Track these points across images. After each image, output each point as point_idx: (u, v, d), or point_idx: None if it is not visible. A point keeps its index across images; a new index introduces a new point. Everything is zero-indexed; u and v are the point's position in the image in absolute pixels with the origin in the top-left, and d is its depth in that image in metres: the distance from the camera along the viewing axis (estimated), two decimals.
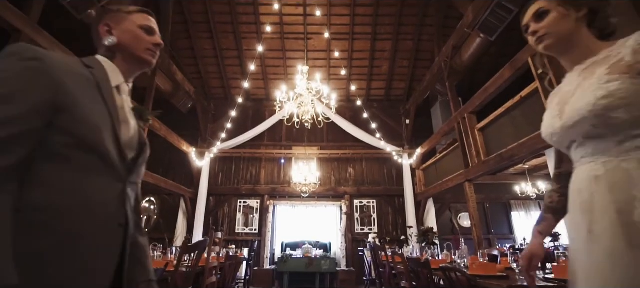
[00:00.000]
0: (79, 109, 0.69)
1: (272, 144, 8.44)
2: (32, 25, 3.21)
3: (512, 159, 3.97)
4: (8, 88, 0.62)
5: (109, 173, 0.73)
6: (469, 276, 1.71)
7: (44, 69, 0.67)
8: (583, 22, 0.89)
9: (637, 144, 0.74)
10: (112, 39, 0.85)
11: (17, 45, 0.69)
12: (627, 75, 0.75)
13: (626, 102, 0.74)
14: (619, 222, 0.72)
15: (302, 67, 5.46)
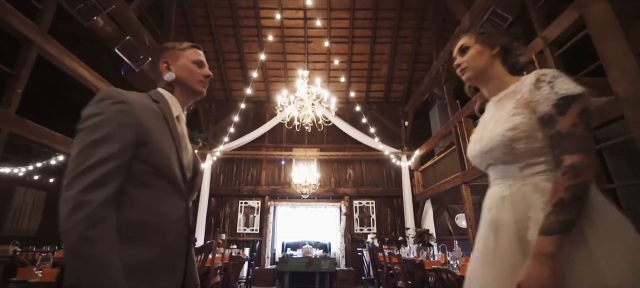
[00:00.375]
0: (155, 142, 0.81)
1: (272, 145, 8.56)
2: (42, 35, 3.33)
3: None
4: (107, 129, 0.74)
5: (176, 194, 0.85)
6: (458, 276, 1.83)
7: (130, 111, 0.79)
8: (497, 58, 1.00)
9: (534, 171, 0.85)
10: (171, 74, 0.97)
11: (107, 90, 0.82)
12: (528, 110, 0.86)
13: (526, 134, 0.85)
14: (517, 238, 0.82)
15: (303, 71, 5.58)
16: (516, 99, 0.90)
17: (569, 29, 3.12)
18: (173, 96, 0.96)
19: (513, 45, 1.01)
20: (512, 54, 1.01)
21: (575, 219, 0.74)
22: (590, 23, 2.79)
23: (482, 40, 1.01)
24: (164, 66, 0.98)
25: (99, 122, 0.75)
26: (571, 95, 0.80)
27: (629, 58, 2.45)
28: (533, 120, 0.85)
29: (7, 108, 2.95)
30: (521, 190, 0.86)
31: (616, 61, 2.55)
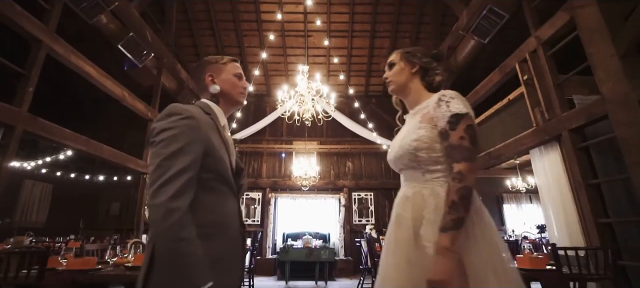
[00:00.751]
0: (216, 151, 0.92)
1: (273, 138, 8.69)
2: (50, 34, 3.42)
3: (499, 158, 4.24)
4: (181, 143, 0.84)
5: (232, 195, 0.98)
6: None
7: (198, 126, 0.89)
8: (417, 75, 1.14)
9: (433, 176, 1.00)
10: (216, 87, 1.07)
11: (173, 106, 0.91)
12: (430, 125, 1.00)
13: (428, 145, 1.00)
14: (413, 233, 0.96)
15: (303, 66, 5.67)
16: (423, 114, 1.04)
17: (562, 30, 3.22)
18: (218, 107, 1.07)
19: (431, 66, 1.14)
20: (430, 73, 1.14)
21: (465, 217, 0.89)
22: (581, 25, 2.90)
23: (405, 58, 1.15)
24: (209, 79, 1.07)
25: (172, 136, 0.84)
26: (460, 113, 0.95)
27: (614, 60, 2.57)
28: (434, 134, 1.00)
29: (19, 106, 3.07)
30: (421, 192, 1.00)
31: (602, 63, 2.67)
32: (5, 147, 2.94)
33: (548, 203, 3.45)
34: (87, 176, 8.14)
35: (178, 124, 0.86)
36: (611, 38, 2.61)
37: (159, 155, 0.83)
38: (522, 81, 3.70)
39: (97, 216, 8.26)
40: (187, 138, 0.86)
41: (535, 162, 3.69)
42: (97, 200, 8.36)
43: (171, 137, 0.84)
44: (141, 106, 5.30)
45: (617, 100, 2.55)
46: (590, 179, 2.93)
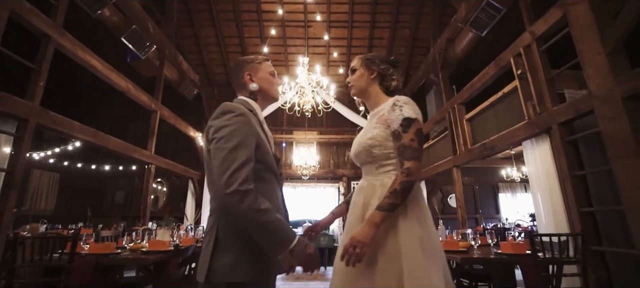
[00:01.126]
0: (263, 144, 1.04)
1: (274, 128, 8.82)
2: (58, 29, 3.52)
3: (494, 149, 4.39)
4: (240, 137, 0.96)
5: (276, 183, 1.11)
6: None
7: (249, 121, 1.01)
8: (375, 81, 1.27)
9: (385, 170, 1.15)
10: (255, 85, 1.17)
11: (226, 105, 1.03)
12: (384, 126, 1.15)
13: (380, 143, 1.14)
14: (361, 217, 1.13)
15: (303, 58, 5.76)
16: (379, 116, 1.18)
17: (555, 26, 3.31)
18: (256, 103, 1.18)
19: (388, 72, 1.27)
20: (387, 79, 1.27)
21: (400, 204, 1.04)
22: (572, 22, 2.99)
23: (365, 65, 1.28)
24: (248, 78, 1.18)
25: (231, 132, 0.96)
26: (411, 118, 1.08)
27: (602, 58, 2.68)
28: (387, 133, 1.14)
29: (32, 101, 3.19)
30: (373, 183, 1.16)
31: (591, 60, 2.78)
32: (20, 140, 3.09)
33: (537, 193, 3.62)
34: (93, 166, 8.31)
35: (233, 121, 0.98)
36: (600, 36, 2.72)
37: (222, 150, 0.94)
38: (516, 75, 3.81)
39: (102, 204, 8.48)
40: (244, 133, 0.98)
41: (527, 154, 3.83)
42: (102, 188, 8.56)
43: (230, 133, 0.96)
44: (145, 98, 5.41)
45: (602, 95, 2.68)
46: (576, 170, 3.09)
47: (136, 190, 8.69)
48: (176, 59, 6.71)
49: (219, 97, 9.04)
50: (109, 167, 8.41)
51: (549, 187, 3.41)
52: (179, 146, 8.67)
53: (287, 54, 8.51)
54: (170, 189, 8.63)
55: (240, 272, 0.92)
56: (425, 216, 1.13)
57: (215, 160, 0.95)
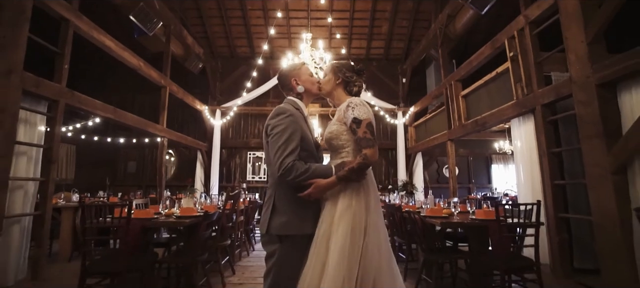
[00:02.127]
0: (306, 136, 1.40)
1: (277, 100, 9.05)
2: (75, 13, 3.71)
3: (485, 125, 4.71)
4: (289, 132, 1.33)
5: (315, 161, 1.45)
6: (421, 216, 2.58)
7: (296, 120, 1.37)
8: (340, 85, 1.56)
9: (339, 157, 1.45)
10: (301, 87, 1.52)
11: (278, 108, 1.39)
12: (340, 122, 1.44)
13: (336, 136, 1.44)
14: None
15: (306, 34, 5.89)
16: (338, 114, 1.48)
17: (547, 11, 3.50)
18: (302, 102, 1.54)
19: (352, 79, 1.56)
20: (350, 85, 1.56)
21: (353, 180, 1.35)
22: (562, 10, 3.18)
23: (333, 71, 1.57)
24: (294, 83, 1.53)
25: (283, 130, 1.34)
26: (359, 118, 1.38)
27: (583, 46, 2.92)
28: (342, 129, 1.44)
29: (59, 83, 3.48)
30: (330, 166, 1.46)
31: (574, 47, 3.02)
32: (53, 119, 3.42)
33: (520, 166, 3.99)
34: (108, 139, 8.69)
35: (284, 121, 1.36)
36: (584, 25, 2.93)
37: (276, 142, 1.33)
38: (509, 57, 4.04)
39: (116, 174, 8.96)
40: (292, 129, 1.35)
41: (514, 131, 4.16)
42: (115, 160, 9.00)
43: (282, 130, 1.34)
44: (155, 74, 5.65)
45: (580, 81, 2.95)
46: (553, 148, 3.44)
47: (147, 161, 9.15)
48: (181, 34, 6.83)
49: (223, 69, 9.21)
50: (121, 140, 8.79)
51: (531, 161, 3.78)
52: (186, 118, 9.00)
53: (289, 26, 8.54)
54: (180, 159, 9.07)
55: (289, 228, 1.33)
56: (374, 193, 1.44)
57: (272, 150, 1.34)
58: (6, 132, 2.81)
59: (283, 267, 1.34)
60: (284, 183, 1.37)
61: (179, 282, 2.67)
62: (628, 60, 2.53)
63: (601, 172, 2.72)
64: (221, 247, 3.04)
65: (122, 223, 2.06)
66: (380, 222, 1.42)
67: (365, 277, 1.27)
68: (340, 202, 1.36)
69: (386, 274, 1.33)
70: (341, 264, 1.25)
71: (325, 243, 1.32)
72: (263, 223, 1.39)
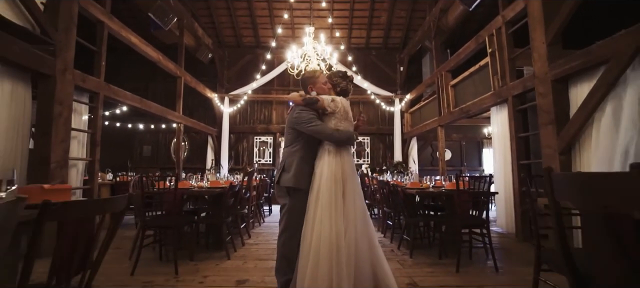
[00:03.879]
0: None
1: (281, 88, 9.61)
2: (108, 15, 4.25)
3: (469, 113, 5.27)
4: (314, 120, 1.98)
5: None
6: (401, 187, 3.22)
7: (315, 114, 2.01)
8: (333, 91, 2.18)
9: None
10: (314, 92, 2.12)
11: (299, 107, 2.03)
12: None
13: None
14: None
15: (309, 28, 6.39)
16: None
17: (520, 13, 4.00)
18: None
19: (340, 83, 2.19)
20: (336, 86, 2.19)
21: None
22: (529, 13, 3.69)
23: (331, 82, 2.20)
24: (310, 88, 2.15)
25: (310, 118, 1.97)
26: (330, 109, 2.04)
27: (543, 46, 3.45)
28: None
29: (98, 77, 4.08)
30: None
31: (537, 47, 3.55)
32: (95, 109, 4.04)
33: (496, 148, 4.59)
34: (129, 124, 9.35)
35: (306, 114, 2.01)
36: (545, 28, 3.46)
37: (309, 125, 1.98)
38: (488, 53, 4.56)
39: (132, 156, 9.66)
40: (315, 119, 2.00)
41: (492, 118, 4.73)
42: (131, 143, 9.68)
43: (310, 118, 1.99)
44: (172, 66, 6.21)
45: (540, 77, 3.50)
46: (521, 132, 4.03)
47: (161, 145, 9.81)
48: (193, 26, 7.33)
49: (230, 58, 9.72)
50: (141, 126, 9.44)
51: (504, 144, 4.37)
52: (195, 104, 9.58)
53: (293, 16, 8.96)
54: (191, 144, 9.72)
55: (291, 182, 1.98)
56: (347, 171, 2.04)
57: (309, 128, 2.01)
58: (65, 121, 3.43)
59: (291, 213, 2.01)
60: (291, 155, 2.03)
61: (208, 238, 3.34)
62: (577, 60, 3.07)
63: (552, 152, 3.31)
64: (239, 214, 3.72)
65: (171, 191, 2.71)
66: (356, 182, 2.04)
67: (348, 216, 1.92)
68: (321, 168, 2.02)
69: (360, 220, 1.95)
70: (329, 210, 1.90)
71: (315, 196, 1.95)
72: (276, 178, 2.08)
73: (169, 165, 9.31)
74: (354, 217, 1.92)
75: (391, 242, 3.70)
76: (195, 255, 3.00)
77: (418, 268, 2.78)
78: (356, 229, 1.89)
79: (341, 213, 1.89)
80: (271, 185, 7.30)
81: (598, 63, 2.84)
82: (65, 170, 3.44)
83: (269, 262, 2.88)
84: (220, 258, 3.01)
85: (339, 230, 1.84)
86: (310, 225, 1.89)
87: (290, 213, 2.00)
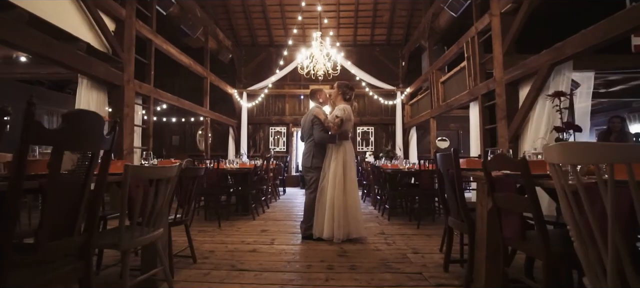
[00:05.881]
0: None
1: (293, 83, 10.60)
2: (153, 33, 5.35)
3: (451, 107, 6.14)
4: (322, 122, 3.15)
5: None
6: (382, 168, 4.23)
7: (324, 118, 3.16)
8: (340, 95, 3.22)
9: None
10: (321, 100, 3.30)
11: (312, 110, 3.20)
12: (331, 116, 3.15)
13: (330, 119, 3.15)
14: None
15: (316, 33, 7.31)
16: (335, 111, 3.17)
17: (487, 26, 4.81)
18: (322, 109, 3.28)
19: (346, 92, 3.24)
20: (344, 95, 3.21)
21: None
22: (492, 28, 4.52)
23: (338, 88, 3.22)
24: (317, 97, 3.31)
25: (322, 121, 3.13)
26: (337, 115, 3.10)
27: (500, 56, 4.29)
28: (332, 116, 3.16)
29: (150, 84, 5.21)
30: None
31: (496, 56, 4.39)
32: (148, 109, 5.19)
33: (472, 137, 5.48)
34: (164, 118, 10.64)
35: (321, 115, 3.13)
36: (502, 40, 4.29)
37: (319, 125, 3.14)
38: (465, 57, 5.39)
39: (163, 146, 10.98)
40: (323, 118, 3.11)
41: (470, 112, 5.59)
42: (162, 133, 10.99)
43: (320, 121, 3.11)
44: (200, 69, 7.33)
45: (498, 80, 4.36)
46: (487, 125, 4.91)
47: (187, 135, 11.08)
48: (215, 32, 8.39)
49: (246, 56, 10.78)
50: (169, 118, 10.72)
51: (477, 134, 5.25)
52: (217, 99, 10.71)
53: (303, 17, 9.85)
54: (214, 134, 10.93)
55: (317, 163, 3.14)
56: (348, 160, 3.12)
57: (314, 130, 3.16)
58: (130, 119, 4.58)
59: (315, 181, 3.13)
60: (316, 145, 3.15)
61: (238, 207, 4.46)
62: (519, 69, 3.93)
63: (504, 141, 4.21)
64: (260, 190, 4.82)
65: (214, 170, 3.82)
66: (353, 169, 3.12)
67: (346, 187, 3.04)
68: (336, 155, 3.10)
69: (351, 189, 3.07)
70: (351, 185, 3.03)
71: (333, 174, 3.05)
72: (307, 161, 3.22)
73: (195, 152, 10.56)
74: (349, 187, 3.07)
75: (377, 211, 4.74)
76: (230, 217, 4.14)
77: (390, 225, 3.80)
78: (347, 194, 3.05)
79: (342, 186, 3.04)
80: (285, 169, 8.41)
81: (531, 73, 3.70)
82: (132, 155, 4.62)
83: (283, 222, 3.97)
84: (247, 219, 4.13)
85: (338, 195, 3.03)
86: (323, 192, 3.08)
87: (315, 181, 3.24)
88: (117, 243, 1.55)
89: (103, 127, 1.26)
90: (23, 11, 2.95)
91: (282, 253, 2.72)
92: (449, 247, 2.26)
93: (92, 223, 1.31)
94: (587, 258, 0.88)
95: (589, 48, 2.90)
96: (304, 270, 2.30)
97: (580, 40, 2.97)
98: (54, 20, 3.35)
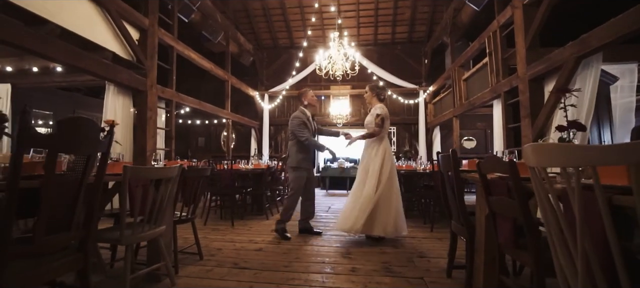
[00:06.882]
0: (309, 126, 3.29)
1: (314, 84, 10.63)
2: (175, 40, 5.63)
3: (474, 105, 5.86)
4: (304, 125, 3.24)
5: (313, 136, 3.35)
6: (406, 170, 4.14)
7: (306, 119, 3.31)
8: (375, 96, 3.25)
9: (367, 129, 3.20)
10: (306, 102, 3.38)
11: (295, 114, 3.29)
12: (372, 116, 3.14)
13: (370, 122, 3.14)
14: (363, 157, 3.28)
15: (334, 33, 7.29)
16: (371, 111, 3.19)
17: (509, 19, 4.54)
18: (307, 109, 3.36)
19: (381, 93, 3.25)
20: (379, 96, 3.24)
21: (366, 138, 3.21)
22: (514, 21, 4.26)
23: (371, 90, 3.26)
24: (303, 99, 3.40)
25: (301, 123, 3.22)
26: (378, 113, 3.07)
27: (523, 50, 4.03)
28: (371, 118, 3.15)
29: (171, 88, 5.49)
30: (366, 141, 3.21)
31: (519, 50, 4.12)
32: (170, 112, 5.47)
33: (496, 137, 5.19)
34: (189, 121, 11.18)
35: (300, 118, 3.23)
36: (525, 34, 4.02)
37: (299, 128, 3.21)
38: (487, 53, 5.11)
39: (189, 147, 11.51)
40: (304, 124, 3.19)
41: (493, 110, 5.30)
42: (188, 135, 11.52)
43: (301, 123, 3.20)
44: (221, 72, 7.59)
45: (521, 76, 4.09)
46: (510, 123, 4.62)
47: (212, 136, 11.52)
48: (236, 36, 8.65)
49: (267, 58, 11.00)
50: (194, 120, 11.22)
51: (500, 132, 4.97)
52: (240, 101, 11.05)
53: (322, 18, 9.89)
54: (237, 135, 11.28)
55: (296, 163, 3.16)
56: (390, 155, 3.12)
57: (296, 132, 3.19)
58: (153, 122, 4.86)
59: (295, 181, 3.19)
60: (296, 146, 3.20)
61: (253, 207, 4.57)
62: (543, 64, 3.66)
63: (527, 141, 3.94)
64: (274, 189, 4.90)
65: (227, 171, 3.95)
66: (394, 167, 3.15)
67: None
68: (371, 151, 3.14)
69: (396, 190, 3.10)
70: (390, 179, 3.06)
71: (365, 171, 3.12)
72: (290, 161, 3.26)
73: (220, 153, 10.96)
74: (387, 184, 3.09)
75: None
76: (244, 217, 4.25)
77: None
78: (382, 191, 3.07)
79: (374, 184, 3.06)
80: None
81: (556, 68, 3.44)
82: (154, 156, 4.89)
83: (294, 223, 4.00)
84: (261, 219, 4.22)
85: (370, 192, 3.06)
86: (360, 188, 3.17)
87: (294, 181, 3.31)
88: (118, 239, 1.66)
89: (98, 132, 1.36)
90: (54, 26, 3.24)
91: (287, 252, 2.75)
92: (453, 251, 2.16)
93: (90, 220, 1.41)
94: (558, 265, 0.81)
95: (619, 38, 2.64)
96: (303, 270, 2.31)
97: (608, 30, 2.71)
98: (83, 32, 3.64)
